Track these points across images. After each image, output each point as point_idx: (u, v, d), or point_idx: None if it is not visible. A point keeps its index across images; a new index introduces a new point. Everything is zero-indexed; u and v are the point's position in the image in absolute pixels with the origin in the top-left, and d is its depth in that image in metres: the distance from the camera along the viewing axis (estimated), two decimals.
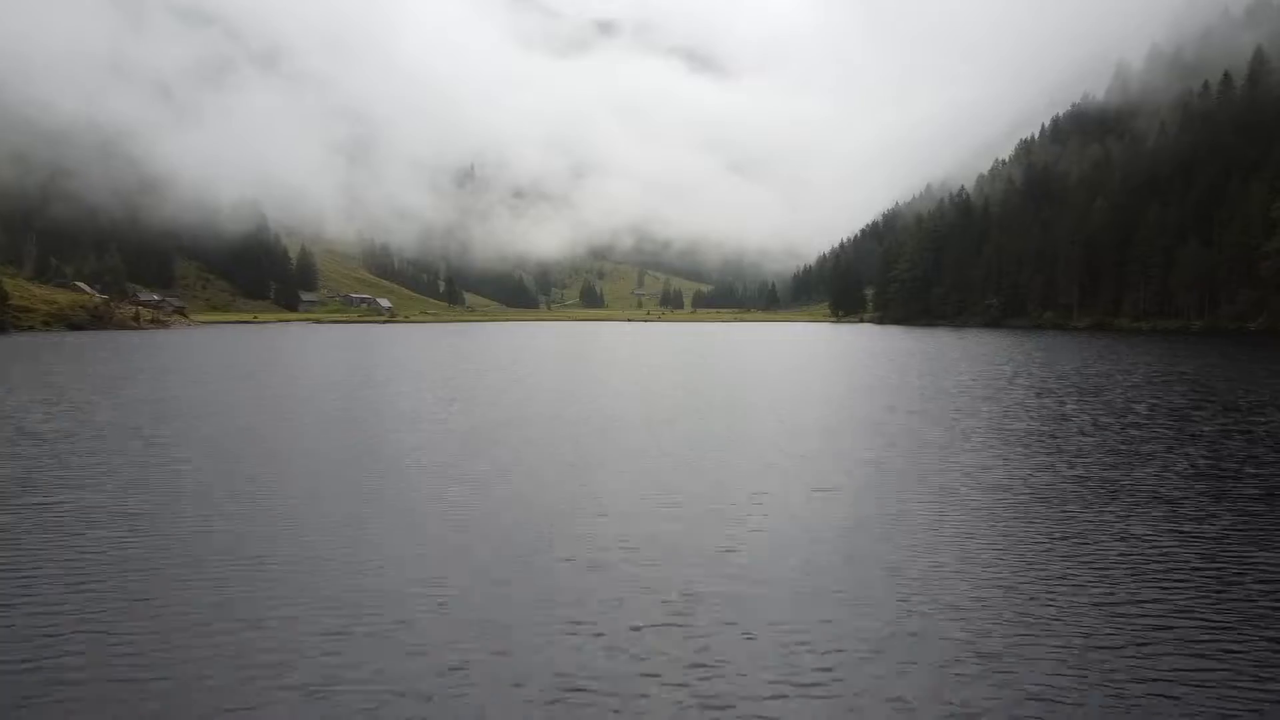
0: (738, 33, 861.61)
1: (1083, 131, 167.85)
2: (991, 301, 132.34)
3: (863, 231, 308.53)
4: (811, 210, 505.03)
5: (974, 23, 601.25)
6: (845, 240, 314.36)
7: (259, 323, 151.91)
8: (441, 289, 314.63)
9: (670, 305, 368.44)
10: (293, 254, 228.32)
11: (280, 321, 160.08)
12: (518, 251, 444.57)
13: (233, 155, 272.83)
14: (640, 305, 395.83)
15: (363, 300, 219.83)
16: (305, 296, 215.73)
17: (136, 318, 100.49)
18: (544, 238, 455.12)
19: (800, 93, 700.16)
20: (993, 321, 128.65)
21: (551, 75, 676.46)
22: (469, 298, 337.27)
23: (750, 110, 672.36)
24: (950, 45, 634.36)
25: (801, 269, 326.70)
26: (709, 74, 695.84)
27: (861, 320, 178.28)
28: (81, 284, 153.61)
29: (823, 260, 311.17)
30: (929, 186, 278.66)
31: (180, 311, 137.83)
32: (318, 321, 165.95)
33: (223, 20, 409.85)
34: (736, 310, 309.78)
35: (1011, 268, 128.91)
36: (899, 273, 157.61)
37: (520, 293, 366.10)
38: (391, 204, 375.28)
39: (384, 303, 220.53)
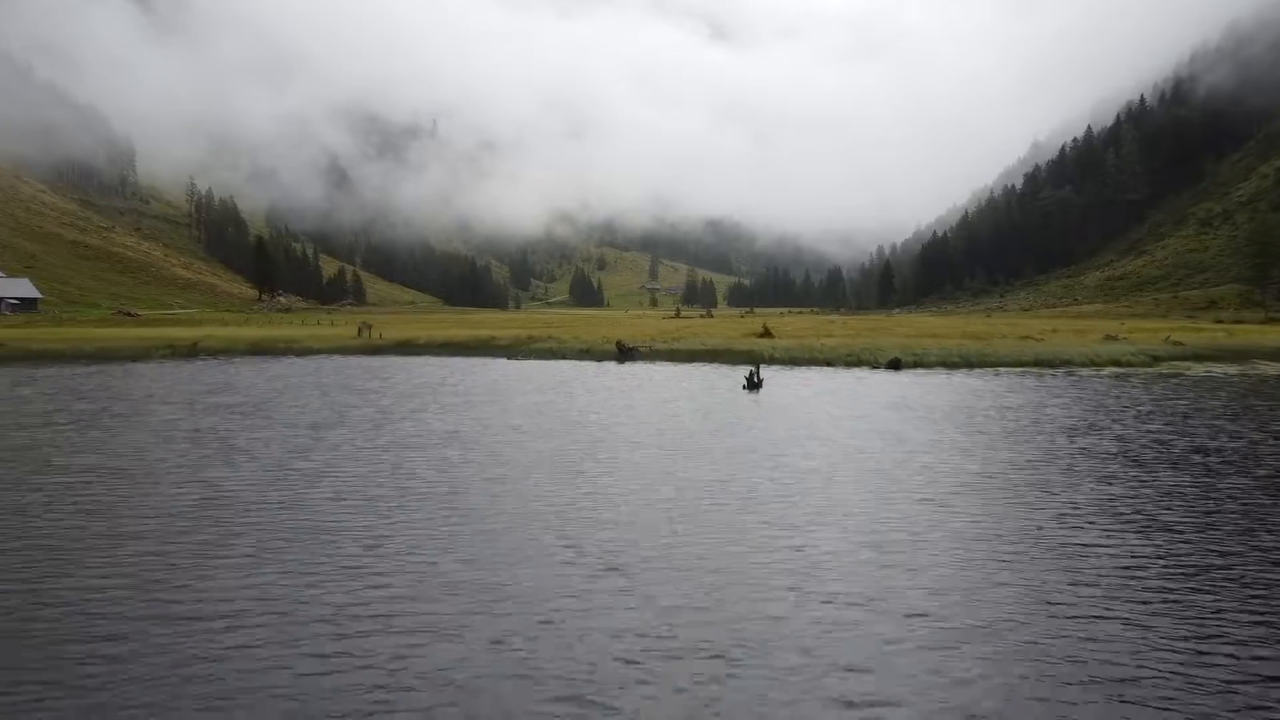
0: None
1: None
2: None
3: (1005, 190, 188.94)
4: (876, 191, 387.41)
5: None
6: (991, 193, 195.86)
7: None
8: (337, 276, 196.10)
9: (699, 303, 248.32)
10: None
11: None
12: (487, 230, 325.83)
13: None
14: (654, 302, 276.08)
15: None
16: None
17: None
18: (524, 215, 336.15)
19: (829, 61, 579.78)
20: None
21: (549, 33, 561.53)
22: (386, 289, 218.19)
23: (775, 79, 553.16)
24: None
25: (920, 243, 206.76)
26: (728, 41, 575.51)
27: None
28: None
29: (950, 230, 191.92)
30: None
31: None
32: None
33: None
34: (836, 311, 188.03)
35: None
36: None
37: (480, 282, 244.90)
38: (287, 152, 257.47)
39: (23, 291, 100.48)
